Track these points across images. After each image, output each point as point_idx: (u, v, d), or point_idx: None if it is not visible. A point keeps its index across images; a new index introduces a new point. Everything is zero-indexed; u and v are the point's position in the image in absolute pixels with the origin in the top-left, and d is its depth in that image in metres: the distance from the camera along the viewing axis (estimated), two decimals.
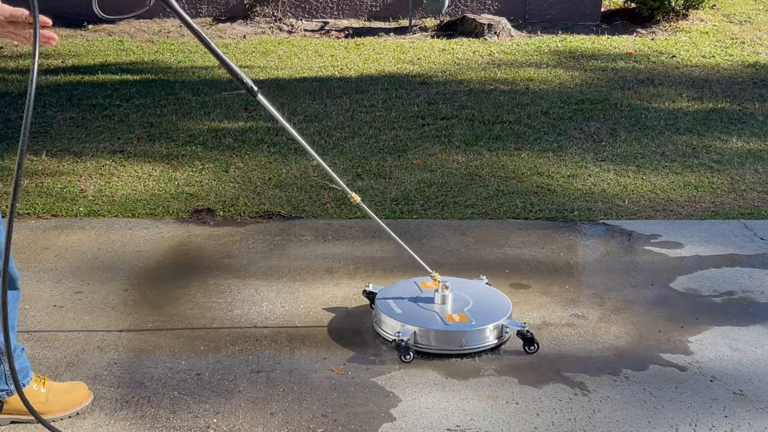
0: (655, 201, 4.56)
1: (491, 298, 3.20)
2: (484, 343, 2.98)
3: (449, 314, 3.05)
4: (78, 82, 6.90)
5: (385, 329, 3.05)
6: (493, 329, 2.99)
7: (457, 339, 2.96)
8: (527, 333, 3.00)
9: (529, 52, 8.11)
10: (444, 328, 2.98)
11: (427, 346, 2.96)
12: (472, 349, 2.96)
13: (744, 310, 3.38)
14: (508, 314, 3.06)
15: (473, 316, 3.04)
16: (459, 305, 3.11)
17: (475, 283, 3.33)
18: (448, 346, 2.97)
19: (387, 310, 3.06)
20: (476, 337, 2.97)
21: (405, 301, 3.13)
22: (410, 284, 3.28)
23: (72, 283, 3.50)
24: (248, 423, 2.60)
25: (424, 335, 2.96)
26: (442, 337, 2.97)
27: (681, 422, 2.63)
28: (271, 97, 6.49)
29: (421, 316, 3.04)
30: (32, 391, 2.52)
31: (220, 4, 9.30)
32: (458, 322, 3.00)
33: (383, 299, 3.14)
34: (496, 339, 3.01)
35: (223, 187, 4.65)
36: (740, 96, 6.70)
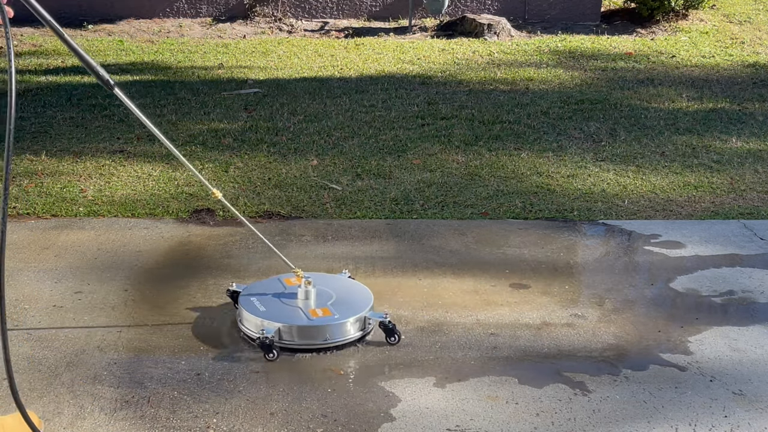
0: (655, 201, 4.56)
1: (354, 292, 3.23)
2: (347, 336, 3.01)
3: (312, 309, 3.07)
4: (78, 82, 6.90)
5: (249, 327, 3.04)
6: (356, 321, 3.03)
7: (321, 333, 2.98)
8: (389, 324, 3.04)
9: (529, 52, 8.11)
10: (308, 323, 3.00)
11: (291, 342, 2.98)
12: (336, 343, 2.99)
13: (744, 310, 3.38)
14: (370, 306, 3.10)
15: (336, 309, 3.06)
16: (322, 300, 3.13)
17: (338, 278, 3.35)
18: (312, 341, 2.99)
19: (250, 308, 3.06)
20: (340, 331, 3.00)
21: (269, 297, 3.14)
22: (274, 281, 3.29)
23: (72, 283, 3.50)
24: (248, 423, 2.60)
25: (288, 331, 2.97)
26: (306, 333, 2.99)
27: (681, 422, 2.63)
28: (271, 97, 6.50)
29: (285, 312, 3.06)
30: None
31: (220, 4, 9.30)
32: (322, 317, 3.02)
33: (247, 297, 3.14)
34: (359, 331, 3.05)
35: (223, 187, 4.65)
36: (740, 96, 6.70)
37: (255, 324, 3.01)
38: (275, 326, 2.97)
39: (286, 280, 3.27)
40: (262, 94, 6.60)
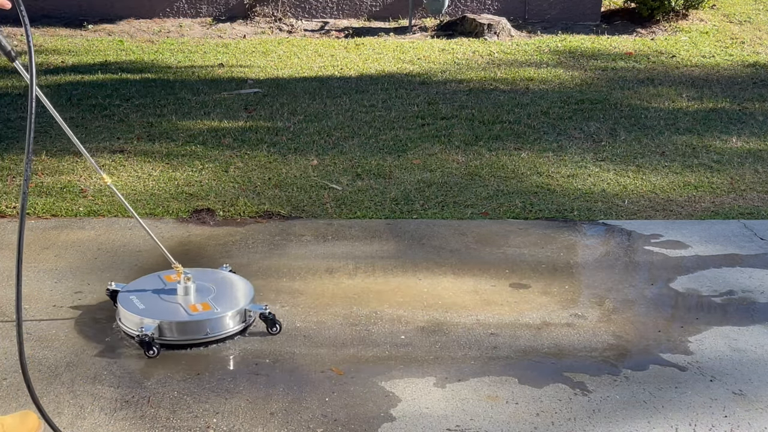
0: (655, 201, 4.56)
1: (234, 285, 3.23)
2: (228, 329, 3.02)
3: (192, 304, 3.06)
4: (78, 82, 6.90)
5: (128, 325, 3.03)
6: (236, 314, 3.03)
7: (201, 328, 2.98)
8: (269, 315, 3.06)
9: (529, 52, 8.11)
10: (187, 318, 2.99)
11: (172, 339, 2.97)
12: (217, 336, 2.99)
13: (744, 310, 3.38)
14: (251, 299, 3.10)
15: (217, 303, 3.06)
16: (203, 295, 3.12)
17: (219, 272, 3.35)
18: (193, 336, 2.98)
19: (129, 306, 3.05)
20: (220, 324, 3.00)
21: (148, 294, 3.13)
22: (154, 278, 3.28)
23: (72, 283, 3.50)
24: (248, 423, 2.60)
25: (168, 327, 2.97)
26: (185, 328, 2.98)
27: (681, 422, 2.63)
28: (271, 97, 6.50)
29: (164, 308, 3.05)
30: None
31: (220, 4, 9.30)
32: (202, 311, 3.02)
33: (126, 294, 3.13)
34: (241, 323, 3.05)
35: (223, 187, 4.65)
36: (740, 96, 6.70)
37: (134, 322, 3.00)
38: (155, 323, 2.96)
39: (167, 277, 3.26)
40: (262, 94, 6.60)
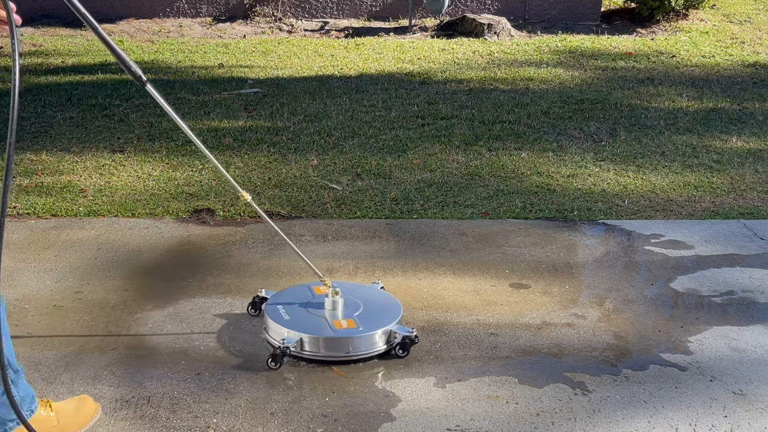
0: (655, 201, 4.56)
1: (382, 304, 3.14)
2: (371, 349, 2.93)
3: (337, 320, 2.98)
4: (78, 82, 6.90)
5: (272, 335, 2.98)
6: (382, 335, 2.94)
7: (343, 345, 2.90)
8: (414, 339, 2.96)
9: (529, 52, 8.11)
10: (331, 334, 2.92)
11: (314, 354, 2.90)
12: (358, 356, 2.90)
13: (744, 310, 3.38)
14: (398, 319, 3.01)
15: (362, 321, 2.98)
16: (349, 310, 3.05)
17: (369, 288, 3.27)
18: (333, 353, 2.91)
19: (275, 316, 3.00)
20: (363, 343, 2.91)
21: (295, 306, 3.07)
22: (303, 289, 3.22)
23: (72, 283, 3.50)
24: (248, 423, 2.60)
25: (312, 342, 2.90)
26: (328, 344, 2.91)
27: (681, 422, 2.63)
28: (271, 97, 6.50)
29: (310, 322, 2.98)
30: (41, 417, 2.42)
31: (220, 4, 9.30)
32: (346, 328, 2.94)
33: (273, 305, 3.08)
34: (384, 344, 2.95)
35: (223, 187, 4.65)
36: (740, 96, 6.70)
37: (278, 333, 2.94)
38: (298, 336, 2.90)
39: (316, 289, 3.19)
40: (262, 94, 6.60)
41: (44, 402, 2.47)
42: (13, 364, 2.34)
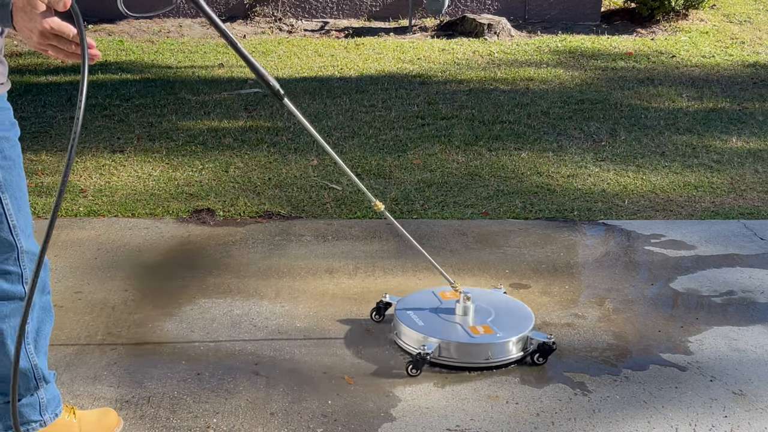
0: (655, 201, 4.56)
1: (513, 309, 3.12)
2: (509, 356, 2.90)
3: (473, 326, 2.96)
4: (78, 81, 6.89)
5: (406, 341, 2.96)
6: (518, 341, 2.92)
7: (483, 352, 2.88)
8: (552, 345, 2.92)
9: (529, 52, 8.11)
10: (469, 340, 2.89)
11: (451, 360, 2.88)
12: (497, 362, 2.89)
13: (744, 310, 3.38)
14: (533, 325, 2.99)
15: (497, 327, 2.96)
16: (481, 316, 3.03)
17: (494, 293, 3.24)
18: (473, 360, 2.88)
19: (408, 322, 2.97)
20: (502, 350, 2.89)
21: (425, 312, 3.05)
22: (428, 294, 3.19)
23: (72, 283, 3.50)
24: (248, 423, 2.60)
25: (448, 348, 2.88)
26: (467, 350, 2.89)
27: (681, 422, 2.63)
28: (271, 97, 6.49)
29: (444, 328, 2.96)
30: (64, 421, 2.42)
31: (220, 4, 9.30)
32: (483, 334, 2.92)
33: (403, 310, 3.05)
34: (521, 351, 2.93)
35: (223, 187, 4.65)
36: (740, 96, 6.70)
37: (413, 339, 2.92)
38: (435, 342, 2.87)
39: (441, 294, 3.16)
40: (262, 94, 6.60)
41: (69, 408, 2.48)
42: (46, 376, 2.35)
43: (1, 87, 2.12)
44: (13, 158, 2.14)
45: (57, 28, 1.82)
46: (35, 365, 2.28)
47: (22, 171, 2.20)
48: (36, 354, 2.29)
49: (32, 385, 2.30)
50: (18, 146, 2.18)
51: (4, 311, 2.20)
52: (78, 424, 2.45)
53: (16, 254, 2.17)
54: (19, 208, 2.16)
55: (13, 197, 2.14)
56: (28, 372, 2.28)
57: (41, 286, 2.28)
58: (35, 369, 2.29)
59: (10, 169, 2.13)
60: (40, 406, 2.34)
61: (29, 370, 2.28)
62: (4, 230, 2.13)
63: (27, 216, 2.20)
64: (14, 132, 2.18)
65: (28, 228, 2.20)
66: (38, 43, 1.86)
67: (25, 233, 2.19)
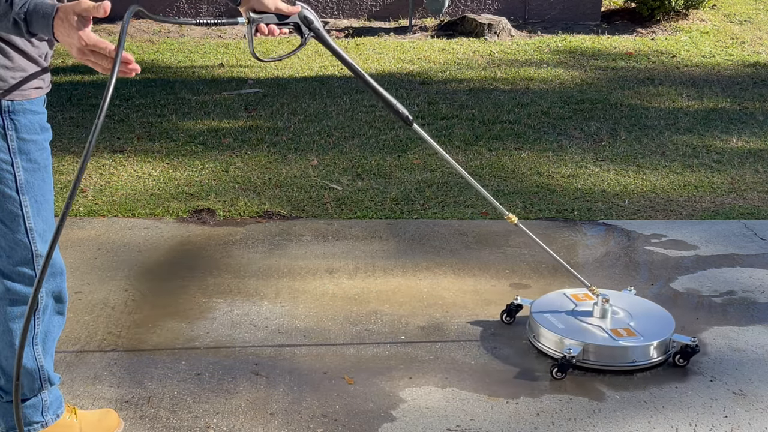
0: (655, 201, 4.56)
1: (651, 311, 3.10)
2: (653, 359, 2.89)
3: (615, 329, 2.94)
4: (78, 82, 6.90)
5: (547, 344, 2.94)
6: (661, 344, 2.90)
7: (628, 355, 2.87)
8: (696, 348, 2.90)
9: (529, 52, 8.11)
10: (613, 343, 2.88)
11: (595, 363, 2.87)
12: (642, 365, 2.87)
13: (744, 310, 3.38)
14: (674, 328, 2.97)
15: (639, 330, 2.94)
16: (619, 319, 3.00)
17: (626, 295, 3.21)
18: (616, 363, 2.87)
19: (547, 325, 2.96)
20: (646, 353, 2.88)
21: (562, 314, 3.03)
22: (560, 296, 3.17)
23: (72, 283, 3.50)
24: (248, 423, 2.60)
25: (593, 351, 2.86)
26: (611, 354, 2.87)
27: (681, 422, 2.63)
28: (271, 97, 6.50)
29: (585, 330, 2.94)
30: (65, 422, 2.42)
31: (220, 4, 9.30)
32: (626, 337, 2.89)
33: (539, 313, 3.03)
34: (663, 354, 2.92)
35: (223, 187, 4.65)
36: (740, 96, 6.70)
37: (554, 341, 2.91)
38: (580, 345, 2.86)
39: (574, 296, 3.15)
40: (262, 94, 6.60)
41: (70, 408, 2.48)
42: (51, 377, 2.35)
43: (35, 91, 2.13)
44: (39, 162, 2.16)
45: (92, 44, 1.83)
46: (41, 366, 2.29)
47: (49, 176, 2.21)
48: (43, 355, 2.30)
49: (36, 386, 2.31)
50: (47, 151, 2.19)
51: (16, 312, 2.21)
52: (79, 424, 2.45)
53: (31, 257, 2.18)
54: (38, 211, 2.17)
55: (33, 200, 2.15)
56: (34, 373, 2.28)
57: (57, 292, 2.29)
58: (41, 370, 2.29)
59: (34, 172, 2.15)
60: (42, 408, 2.35)
61: (35, 371, 2.28)
62: (20, 232, 2.14)
63: (47, 221, 2.22)
64: (44, 136, 2.19)
65: (47, 233, 2.22)
66: (78, 57, 1.88)
67: (43, 238, 2.20)
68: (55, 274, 2.27)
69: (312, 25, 2.37)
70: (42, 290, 2.22)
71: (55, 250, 2.20)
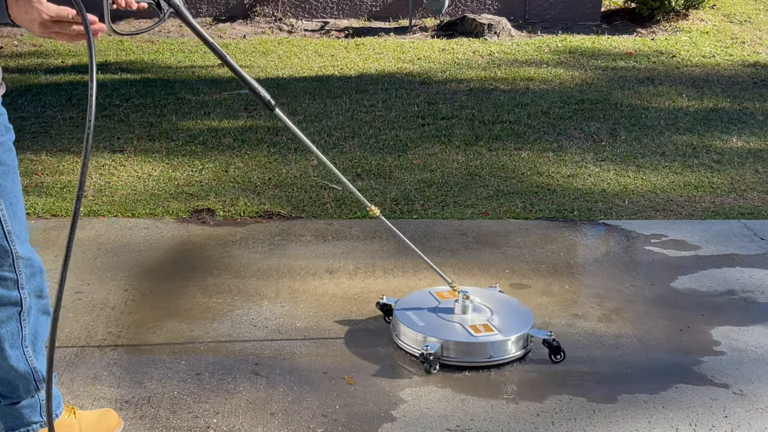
0: (655, 201, 4.56)
1: (511, 307, 3.14)
2: (511, 354, 2.92)
3: (474, 325, 2.97)
4: (78, 82, 6.90)
5: (408, 342, 2.96)
6: (519, 339, 2.93)
7: (484, 351, 2.89)
8: (553, 342, 2.94)
9: (529, 52, 8.11)
10: (470, 339, 2.90)
11: (452, 359, 2.89)
12: (499, 360, 2.90)
13: (744, 310, 3.38)
14: (532, 323, 3.00)
15: (497, 326, 2.96)
16: (480, 315, 3.03)
17: (491, 292, 3.25)
18: (475, 359, 2.89)
19: (408, 323, 2.98)
20: (503, 348, 2.90)
21: (424, 312, 3.05)
22: (425, 294, 3.20)
23: (72, 283, 3.50)
24: (248, 423, 2.60)
25: (450, 348, 2.88)
26: (468, 349, 2.89)
27: (681, 422, 2.63)
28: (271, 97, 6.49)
29: (445, 327, 2.96)
30: (64, 421, 2.42)
31: (220, 4, 9.30)
32: (484, 333, 2.92)
33: (402, 311, 3.05)
34: (522, 349, 2.95)
35: (223, 187, 4.65)
36: (740, 96, 6.70)
37: (414, 339, 2.93)
38: (437, 342, 2.87)
39: (438, 294, 3.17)
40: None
41: (69, 408, 2.48)
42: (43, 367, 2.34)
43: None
44: (8, 163, 2.14)
45: (55, 14, 1.81)
46: (34, 368, 2.29)
47: (17, 176, 2.20)
48: (35, 356, 2.30)
49: (32, 387, 2.31)
50: (13, 151, 2.17)
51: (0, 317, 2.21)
52: (78, 424, 2.45)
53: (11, 260, 2.17)
54: (14, 213, 2.16)
55: (8, 203, 2.14)
56: (28, 375, 2.28)
57: (38, 291, 2.28)
58: (34, 372, 2.29)
59: (5, 174, 2.13)
60: (40, 408, 2.35)
61: (28, 372, 2.28)
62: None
63: (22, 222, 2.20)
64: (9, 137, 2.17)
65: (23, 233, 2.20)
66: (41, 33, 1.85)
67: (20, 239, 2.19)
68: (35, 273, 2.26)
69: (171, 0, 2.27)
70: (24, 291, 2.21)
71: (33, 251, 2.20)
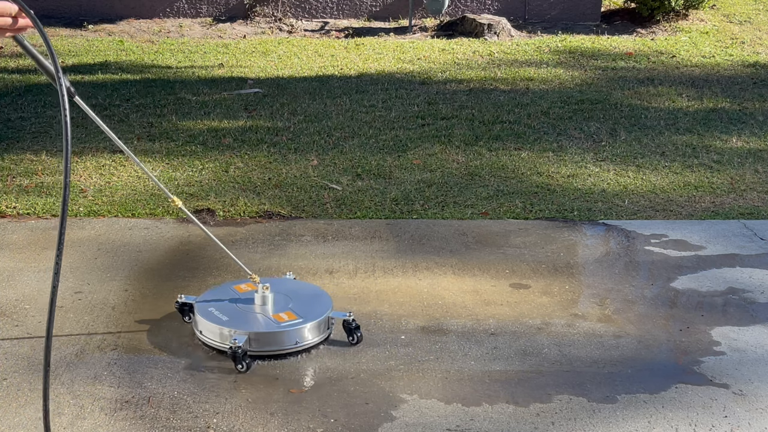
0: (655, 201, 4.56)
1: (310, 293, 3.21)
2: (315, 338, 3.00)
3: (276, 314, 3.03)
4: (78, 82, 6.90)
5: (213, 338, 2.97)
6: (320, 323, 3.01)
7: (291, 338, 2.95)
8: (352, 323, 3.03)
9: (529, 52, 8.12)
10: (275, 328, 2.96)
11: (261, 350, 2.93)
12: (305, 345, 2.97)
13: (744, 310, 3.38)
14: (331, 306, 3.09)
15: (298, 312, 3.03)
16: (281, 304, 3.09)
17: (287, 280, 3.32)
18: (283, 347, 2.95)
19: (211, 318, 2.99)
20: (306, 334, 2.97)
21: (226, 306, 3.07)
22: (225, 289, 3.23)
23: (72, 283, 3.50)
24: (248, 423, 2.60)
25: (257, 339, 2.92)
26: (275, 339, 2.94)
27: (681, 422, 2.63)
28: (271, 97, 6.50)
29: (249, 319, 3.00)
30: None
31: (220, 4, 9.30)
32: (288, 321, 2.99)
33: (203, 305, 3.07)
34: (326, 331, 3.05)
35: (223, 187, 4.65)
36: (740, 96, 6.70)
37: (219, 334, 2.95)
38: (244, 335, 2.90)
39: (237, 287, 3.21)
40: (262, 94, 6.60)
41: None
42: None
43: None
44: None
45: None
46: None
47: None
48: None
49: None
50: None
51: None
52: None
53: None
54: None
55: None
56: None
57: None
58: None
59: None
60: None
61: None
62: None
63: None
64: None
65: None
66: None
67: None
68: None
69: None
70: None
71: None
